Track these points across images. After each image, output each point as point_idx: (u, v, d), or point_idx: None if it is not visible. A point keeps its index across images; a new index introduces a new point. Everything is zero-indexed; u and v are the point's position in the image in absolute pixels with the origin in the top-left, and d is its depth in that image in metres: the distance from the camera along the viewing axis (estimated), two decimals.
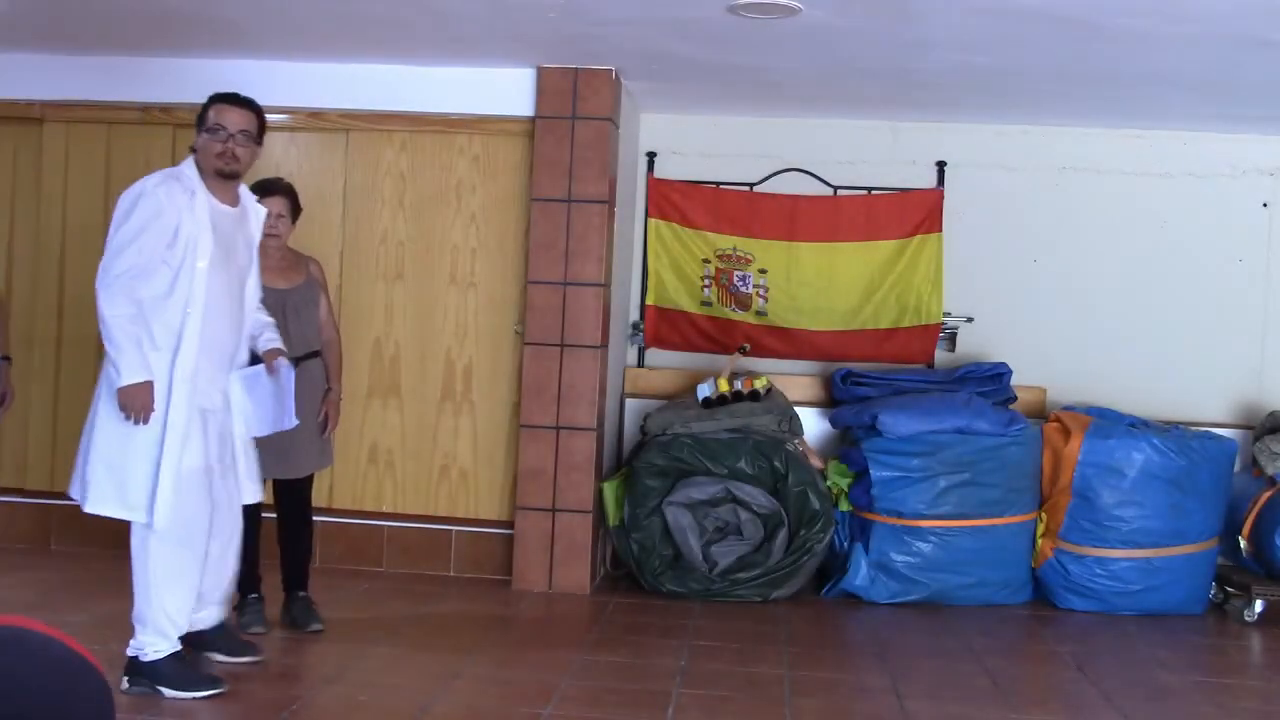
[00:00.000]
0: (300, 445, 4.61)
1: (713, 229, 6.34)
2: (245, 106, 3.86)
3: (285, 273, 4.63)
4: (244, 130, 3.81)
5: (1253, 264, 6.20)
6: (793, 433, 5.59)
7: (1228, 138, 6.17)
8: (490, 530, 5.73)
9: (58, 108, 5.80)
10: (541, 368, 5.51)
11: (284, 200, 4.60)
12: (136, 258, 3.63)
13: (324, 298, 4.76)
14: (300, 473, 4.68)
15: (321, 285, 4.76)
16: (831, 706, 3.98)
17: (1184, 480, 5.40)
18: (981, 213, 6.27)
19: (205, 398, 3.78)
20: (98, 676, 1.39)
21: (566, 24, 4.76)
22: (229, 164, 3.80)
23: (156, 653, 3.72)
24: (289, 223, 4.62)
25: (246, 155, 3.83)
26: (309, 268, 4.73)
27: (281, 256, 4.64)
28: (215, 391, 3.84)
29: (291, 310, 4.57)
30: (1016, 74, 5.19)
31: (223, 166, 3.79)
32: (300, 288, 4.64)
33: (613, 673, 4.22)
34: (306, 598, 4.71)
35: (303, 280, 4.66)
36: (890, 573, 5.47)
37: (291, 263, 4.69)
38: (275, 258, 4.61)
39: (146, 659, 3.73)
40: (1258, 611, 5.37)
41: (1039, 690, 4.39)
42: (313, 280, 4.71)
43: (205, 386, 3.76)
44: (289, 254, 4.70)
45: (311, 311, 4.66)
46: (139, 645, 3.73)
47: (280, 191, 4.61)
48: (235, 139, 3.79)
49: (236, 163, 3.81)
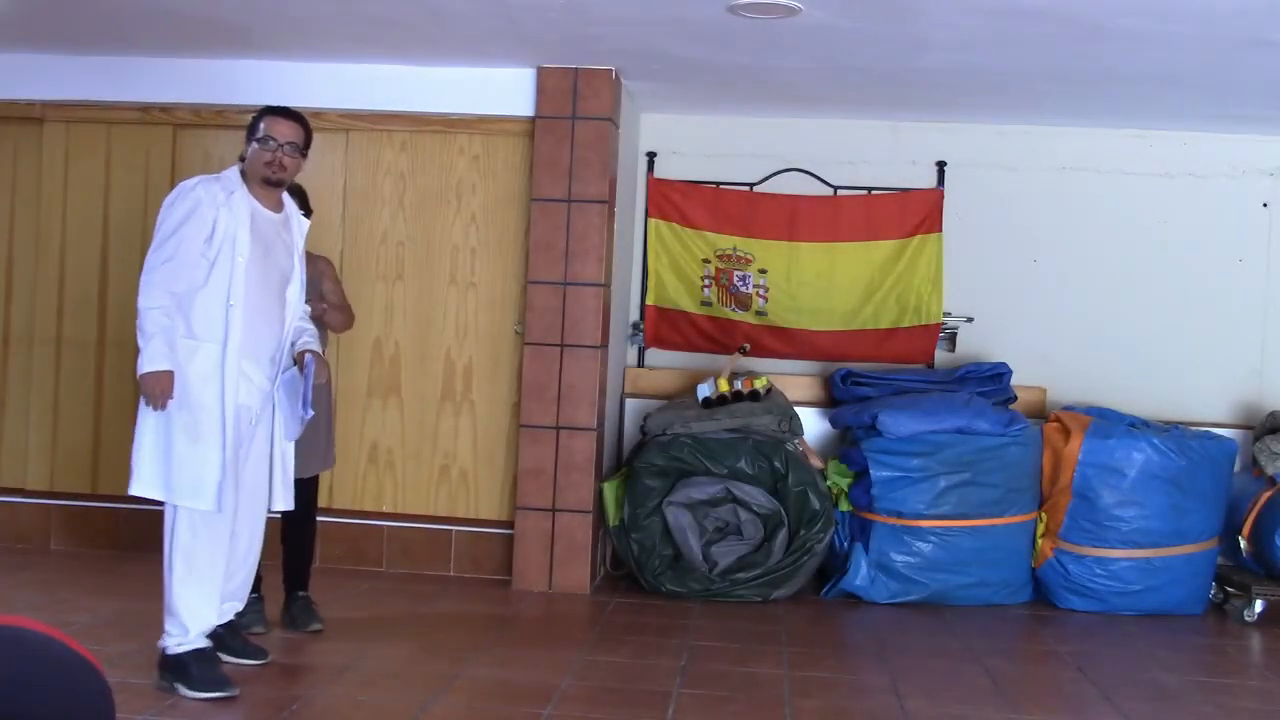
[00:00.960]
0: (303, 446, 4.61)
1: (713, 229, 6.34)
2: (295, 120, 4.05)
3: None
4: (291, 142, 4.00)
5: (1253, 264, 6.20)
6: (793, 433, 5.59)
7: (1228, 138, 6.17)
8: (490, 530, 5.74)
9: (58, 108, 5.80)
10: (541, 368, 5.51)
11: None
12: (174, 251, 3.77)
13: (330, 283, 4.76)
14: (304, 473, 4.67)
15: (329, 278, 4.77)
16: (831, 706, 3.98)
17: (1184, 480, 5.40)
18: (981, 213, 6.27)
19: (243, 394, 3.87)
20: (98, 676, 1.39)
21: (566, 24, 4.76)
22: (276, 172, 3.98)
23: (179, 646, 3.80)
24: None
25: (293, 165, 4.02)
26: (318, 266, 4.74)
27: None
28: (253, 389, 3.92)
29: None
30: (1016, 74, 5.19)
31: (270, 175, 3.97)
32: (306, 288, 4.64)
33: (613, 673, 4.22)
34: (306, 597, 4.71)
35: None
36: (890, 573, 5.47)
37: None
38: None
39: (170, 652, 3.81)
40: (1258, 611, 5.38)
41: (1039, 690, 4.38)
42: (318, 275, 4.72)
43: (242, 383, 3.86)
44: None
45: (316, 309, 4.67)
46: (164, 637, 3.84)
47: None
48: (284, 149, 3.97)
49: (283, 171, 4.00)
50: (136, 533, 5.86)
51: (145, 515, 5.87)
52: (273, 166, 3.95)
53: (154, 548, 5.82)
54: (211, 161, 5.87)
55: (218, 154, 5.87)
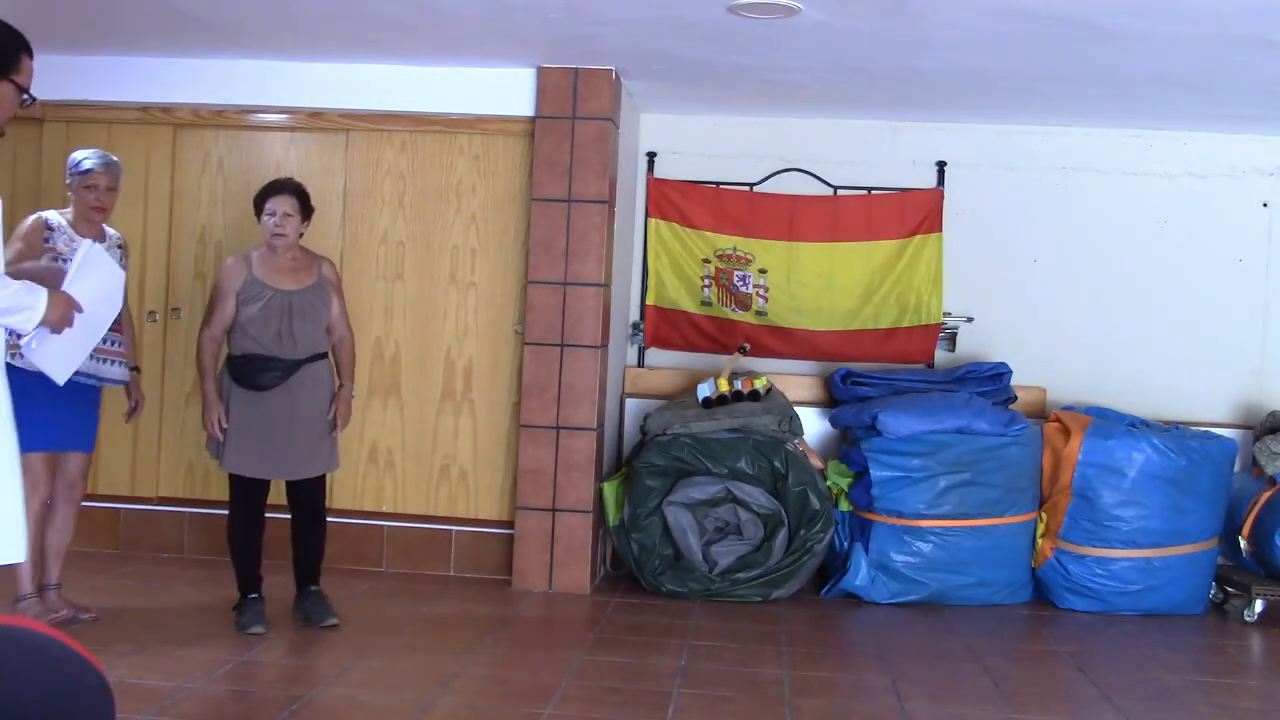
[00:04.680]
0: (309, 448, 4.61)
1: (713, 229, 6.34)
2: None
3: (294, 273, 4.63)
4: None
5: (1253, 264, 6.20)
6: (793, 433, 5.58)
7: (1228, 138, 6.17)
8: (490, 530, 5.73)
9: (58, 108, 5.79)
10: (541, 368, 5.51)
11: (291, 199, 4.59)
12: None
13: (336, 298, 4.74)
14: (307, 474, 4.68)
15: (334, 285, 4.75)
16: (831, 706, 3.98)
17: (1184, 480, 5.40)
18: (981, 213, 6.27)
19: None
20: (98, 676, 1.39)
21: (566, 24, 4.76)
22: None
23: None
24: (297, 222, 4.61)
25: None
26: (320, 268, 4.72)
27: (292, 258, 4.64)
28: None
29: (297, 312, 4.57)
30: (1016, 74, 5.19)
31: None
32: (309, 289, 4.63)
33: (613, 673, 4.22)
34: (319, 592, 4.72)
35: (312, 281, 4.65)
36: (890, 573, 5.47)
37: (303, 263, 4.68)
38: (284, 258, 4.61)
39: None
40: (1258, 611, 5.38)
41: (1039, 690, 4.38)
42: (324, 281, 4.70)
43: None
44: (300, 254, 4.69)
45: (320, 313, 4.65)
46: None
47: (288, 191, 4.61)
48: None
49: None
50: (136, 533, 5.86)
51: (146, 515, 5.88)
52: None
53: (154, 547, 5.85)
54: (211, 161, 5.88)
55: (217, 154, 5.88)
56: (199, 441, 5.84)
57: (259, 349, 4.52)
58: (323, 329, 4.67)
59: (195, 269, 5.87)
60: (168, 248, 5.87)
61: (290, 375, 4.54)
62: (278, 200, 4.56)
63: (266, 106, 5.77)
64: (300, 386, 4.57)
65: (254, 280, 4.56)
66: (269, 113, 5.80)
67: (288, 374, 4.54)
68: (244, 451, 4.54)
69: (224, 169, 5.88)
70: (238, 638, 4.44)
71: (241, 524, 4.62)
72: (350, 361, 4.81)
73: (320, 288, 4.66)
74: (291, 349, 4.55)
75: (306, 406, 4.60)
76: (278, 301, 4.53)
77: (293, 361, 4.54)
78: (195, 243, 5.88)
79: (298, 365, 4.56)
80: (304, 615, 4.66)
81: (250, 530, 4.63)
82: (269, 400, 4.53)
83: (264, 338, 4.52)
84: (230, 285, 4.57)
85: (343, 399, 4.71)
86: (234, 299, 4.55)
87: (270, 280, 4.56)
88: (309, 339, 4.59)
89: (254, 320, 4.52)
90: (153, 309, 5.84)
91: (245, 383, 4.52)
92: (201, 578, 5.39)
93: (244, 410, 4.53)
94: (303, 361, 4.57)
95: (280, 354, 4.53)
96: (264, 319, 4.52)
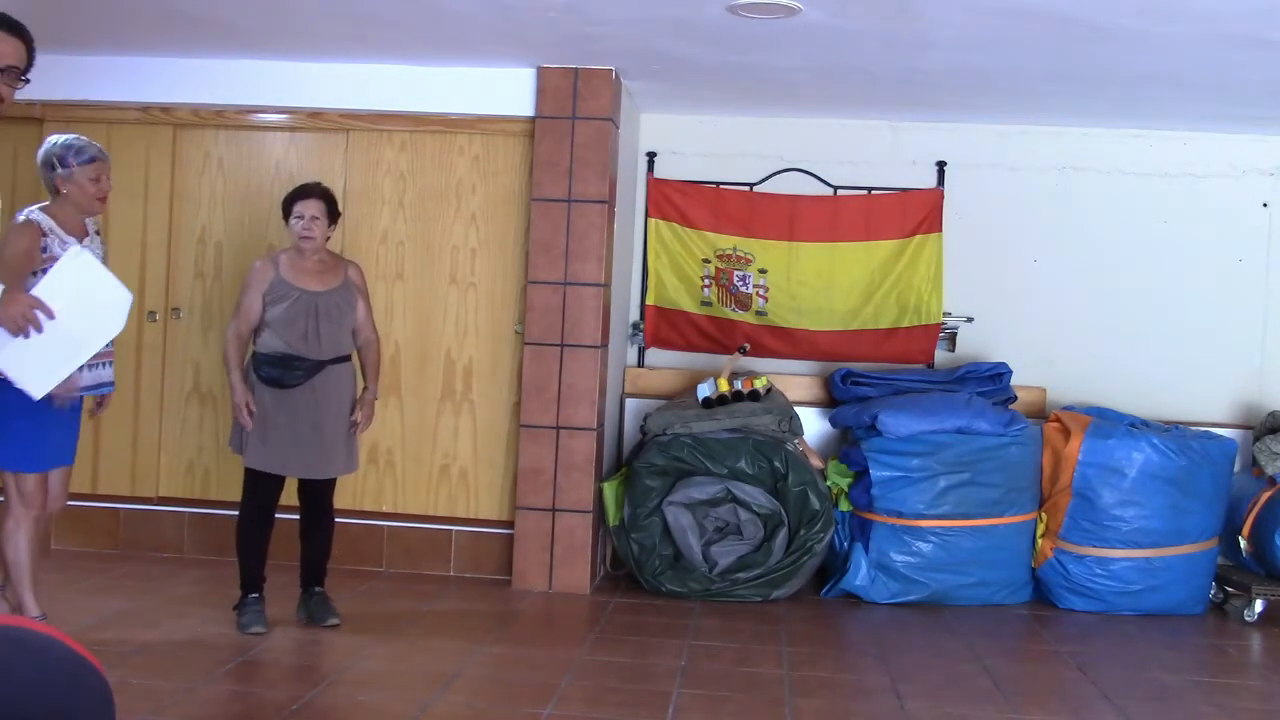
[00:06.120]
0: (329, 448, 4.64)
1: (713, 229, 6.34)
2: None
3: (321, 275, 4.68)
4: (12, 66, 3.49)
5: (1253, 264, 6.20)
6: (793, 433, 5.58)
7: (1228, 138, 6.17)
8: (490, 530, 5.73)
9: (58, 108, 5.80)
10: (541, 368, 5.51)
11: (319, 203, 4.65)
12: None
13: (362, 301, 4.78)
14: (326, 474, 4.71)
15: (360, 289, 4.79)
16: (831, 706, 3.98)
17: (1184, 480, 5.40)
18: (981, 213, 6.27)
19: None
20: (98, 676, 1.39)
21: (566, 24, 4.76)
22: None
23: None
24: (324, 225, 4.66)
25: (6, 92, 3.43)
26: (347, 271, 4.77)
27: (319, 260, 4.69)
28: None
29: (323, 313, 4.61)
30: (1016, 74, 5.19)
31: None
32: (335, 291, 4.67)
33: (613, 673, 4.22)
34: (322, 593, 4.75)
35: (338, 284, 4.70)
36: (890, 573, 5.47)
37: (329, 266, 4.73)
38: (311, 260, 4.66)
39: None
40: (1258, 611, 5.38)
41: (1039, 690, 4.38)
42: (350, 284, 4.74)
43: None
44: (327, 257, 4.74)
45: (346, 315, 4.70)
46: None
47: (316, 194, 4.67)
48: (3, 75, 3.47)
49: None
50: (136, 533, 5.86)
51: (146, 515, 5.88)
52: None
53: (154, 547, 5.85)
54: (211, 161, 5.88)
55: (217, 154, 5.88)
56: (199, 441, 5.86)
57: (285, 348, 4.56)
58: (348, 331, 4.72)
59: (195, 269, 5.87)
60: (168, 248, 5.87)
61: (314, 375, 4.58)
62: (306, 204, 4.61)
63: (266, 106, 5.77)
64: (323, 387, 4.61)
65: (281, 281, 4.61)
66: (269, 113, 5.80)
67: (311, 374, 4.57)
68: (266, 448, 4.56)
69: (224, 169, 5.88)
70: (238, 638, 4.45)
71: (253, 521, 4.64)
72: (376, 364, 4.85)
73: (346, 290, 4.71)
74: (316, 350, 4.59)
75: (329, 407, 4.63)
76: (304, 302, 4.58)
77: (316, 362, 4.59)
78: (195, 243, 5.88)
79: (321, 365, 4.60)
80: (307, 615, 4.70)
81: (261, 528, 4.65)
82: (292, 399, 4.57)
83: (290, 337, 4.56)
84: (257, 285, 4.63)
85: (365, 401, 4.76)
86: (260, 299, 4.61)
87: (297, 281, 4.61)
88: (333, 340, 4.64)
89: (280, 320, 4.57)
90: (153, 309, 5.84)
91: (269, 381, 4.56)
92: (201, 578, 5.38)
93: (267, 408, 4.56)
94: (326, 362, 4.61)
95: (305, 354, 4.57)
96: (290, 319, 4.57)
